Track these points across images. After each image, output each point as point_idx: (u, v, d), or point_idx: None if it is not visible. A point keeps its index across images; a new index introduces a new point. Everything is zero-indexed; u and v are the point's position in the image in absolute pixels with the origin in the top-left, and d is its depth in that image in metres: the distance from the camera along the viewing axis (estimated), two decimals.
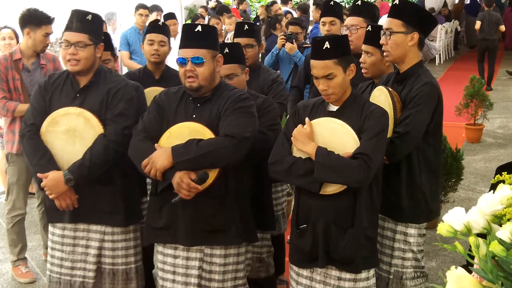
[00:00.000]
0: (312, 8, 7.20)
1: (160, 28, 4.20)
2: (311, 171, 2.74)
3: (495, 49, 12.10)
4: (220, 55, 3.11)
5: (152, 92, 3.86)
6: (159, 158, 2.92)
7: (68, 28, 3.27)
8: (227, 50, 3.44)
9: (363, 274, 2.87)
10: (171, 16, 7.97)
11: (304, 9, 11.05)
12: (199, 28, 3.03)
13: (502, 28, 12.36)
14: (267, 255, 3.76)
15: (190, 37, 3.02)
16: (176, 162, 2.90)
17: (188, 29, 3.06)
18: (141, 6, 7.78)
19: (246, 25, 4.25)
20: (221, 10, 10.45)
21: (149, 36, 4.13)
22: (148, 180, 3.88)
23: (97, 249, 3.38)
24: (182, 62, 2.99)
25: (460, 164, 5.32)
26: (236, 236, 3.10)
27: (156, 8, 8.57)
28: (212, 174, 2.97)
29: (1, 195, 6.49)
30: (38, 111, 3.31)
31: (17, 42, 6.35)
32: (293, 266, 3.03)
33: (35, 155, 3.25)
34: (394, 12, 3.13)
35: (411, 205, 3.13)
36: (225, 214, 3.06)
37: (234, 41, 4.16)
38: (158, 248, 3.21)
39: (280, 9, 9.00)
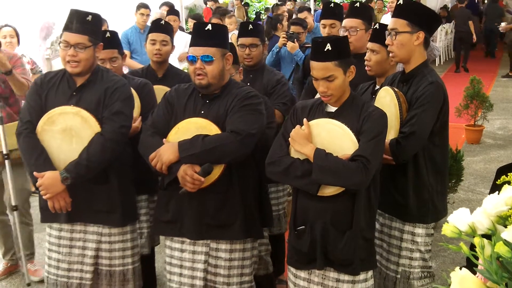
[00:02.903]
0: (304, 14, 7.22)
1: (162, 27, 4.21)
2: (308, 173, 2.73)
3: (467, 38, 14.63)
4: (230, 53, 3.14)
5: (155, 91, 3.87)
6: (165, 152, 2.98)
7: (68, 28, 3.24)
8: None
9: (362, 276, 2.86)
10: (173, 12, 7.96)
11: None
12: (209, 27, 3.07)
13: (471, 23, 14.38)
14: (265, 253, 3.77)
15: (201, 36, 3.06)
16: (182, 157, 2.95)
17: (198, 28, 3.11)
18: (142, 6, 7.78)
19: (250, 25, 4.26)
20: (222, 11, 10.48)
21: (151, 36, 4.15)
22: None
23: (94, 250, 3.36)
24: (192, 59, 3.05)
25: (460, 165, 5.33)
26: (240, 231, 3.12)
27: (165, 4, 8.68)
28: (218, 170, 3.00)
29: None
30: (34, 108, 3.29)
31: (18, 40, 6.37)
32: (291, 268, 3.02)
33: (31, 154, 3.22)
34: (399, 12, 3.12)
35: (418, 205, 3.12)
36: (230, 210, 3.10)
37: (238, 41, 4.18)
38: (166, 242, 3.25)
39: (285, 11, 9.00)
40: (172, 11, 8.06)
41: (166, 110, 3.15)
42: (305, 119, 2.85)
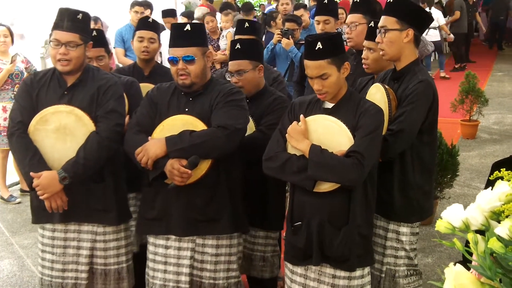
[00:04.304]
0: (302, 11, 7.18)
1: (150, 25, 4.20)
2: (304, 168, 2.74)
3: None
4: (210, 51, 3.17)
5: (142, 88, 3.86)
6: (152, 147, 2.99)
7: (59, 27, 3.21)
8: (239, 46, 3.47)
9: (358, 272, 2.87)
10: (168, 13, 7.94)
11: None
12: (188, 27, 3.09)
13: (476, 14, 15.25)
14: (271, 254, 3.73)
15: (180, 36, 3.08)
16: (170, 151, 2.96)
17: (177, 29, 3.12)
18: (136, 3, 7.76)
19: (246, 23, 4.26)
20: (223, 8, 10.39)
21: (139, 33, 4.14)
22: None
23: (89, 249, 3.34)
24: (173, 60, 3.07)
25: (455, 160, 5.33)
26: (228, 225, 3.15)
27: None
28: (205, 165, 3.03)
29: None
30: (25, 108, 3.25)
31: (12, 39, 6.36)
32: (287, 264, 3.03)
33: (25, 154, 3.19)
34: (388, 10, 3.12)
35: (404, 204, 3.11)
36: (217, 204, 3.12)
37: (235, 38, 4.16)
38: (150, 239, 3.25)
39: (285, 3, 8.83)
40: (167, 12, 8.05)
41: (150, 108, 3.17)
42: (301, 115, 2.85)
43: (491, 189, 1.53)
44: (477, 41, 17.97)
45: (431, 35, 12.54)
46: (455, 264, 1.48)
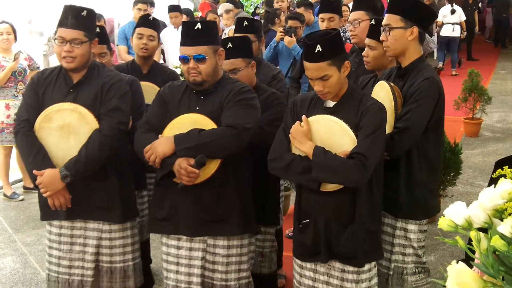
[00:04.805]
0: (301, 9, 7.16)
1: (150, 22, 4.20)
2: (309, 169, 2.74)
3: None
4: (222, 49, 3.14)
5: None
6: (160, 144, 2.98)
7: (63, 24, 3.22)
8: (231, 45, 3.46)
9: (366, 266, 2.89)
10: (174, 8, 7.94)
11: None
12: (198, 25, 3.05)
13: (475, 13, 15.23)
14: (269, 250, 3.76)
15: (191, 35, 3.05)
16: (178, 150, 2.95)
17: (188, 27, 3.09)
18: (139, 1, 7.76)
19: (245, 21, 4.25)
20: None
21: (138, 30, 4.14)
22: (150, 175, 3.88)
23: (95, 247, 3.35)
24: (184, 59, 3.04)
25: (458, 158, 5.32)
26: (237, 225, 3.13)
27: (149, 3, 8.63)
28: (214, 165, 3.01)
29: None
30: (32, 106, 3.26)
31: (15, 37, 6.37)
32: (296, 259, 3.05)
33: (30, 152, 3.21)
34: (392, 8, 3.11)
35: (410, 201, 3.10)
36: (226, 204, 3.11)
37: (233, 36, 4.16)
38: (162, 239, 3.24)
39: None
40: (173, 7, 8.05)
41: (160, 107, 3.15)
42: (304, 116, 2.84)
43: (494, 187, 1.53)
44: (480, 39, 17.92)
45: (456, 31, 12.67)
46: (457, 262, 1.48)
